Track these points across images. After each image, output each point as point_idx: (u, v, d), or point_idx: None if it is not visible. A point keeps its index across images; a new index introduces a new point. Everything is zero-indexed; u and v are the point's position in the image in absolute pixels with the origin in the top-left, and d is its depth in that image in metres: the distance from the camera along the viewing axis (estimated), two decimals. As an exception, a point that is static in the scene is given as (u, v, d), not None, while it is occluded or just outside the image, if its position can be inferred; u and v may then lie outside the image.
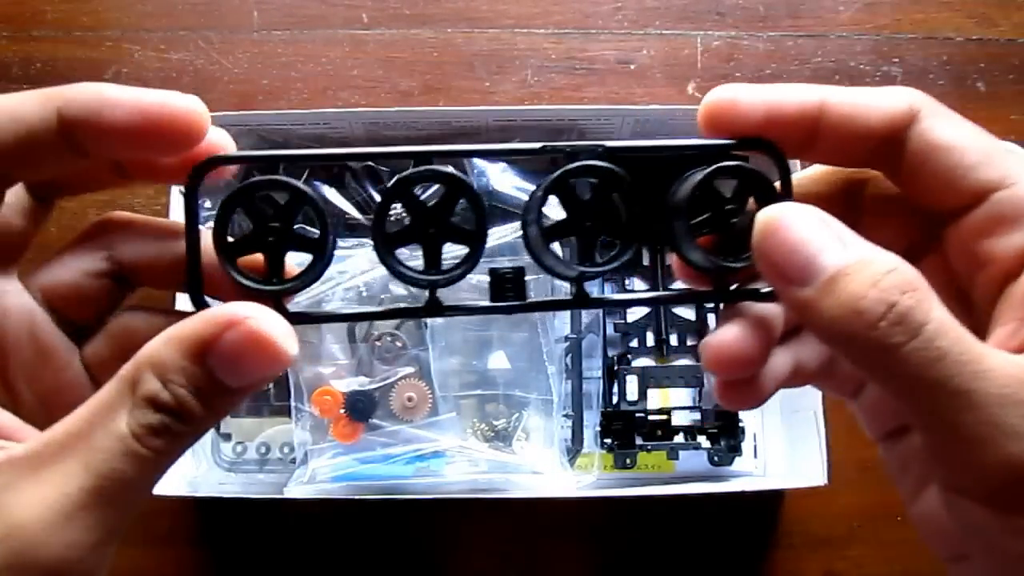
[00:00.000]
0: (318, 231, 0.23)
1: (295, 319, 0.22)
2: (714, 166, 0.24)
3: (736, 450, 0.51)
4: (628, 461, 0.50)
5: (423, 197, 0.23)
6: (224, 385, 0.20)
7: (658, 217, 0.24)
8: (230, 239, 0.23)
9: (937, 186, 0.23)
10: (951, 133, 0.23)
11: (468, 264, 0.23)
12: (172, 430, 0.20)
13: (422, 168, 0.23)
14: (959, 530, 0.22)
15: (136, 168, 0.25)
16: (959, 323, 0.20)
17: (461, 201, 0.23)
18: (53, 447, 0.20)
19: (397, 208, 0.23)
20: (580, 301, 0.24)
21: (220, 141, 0.24)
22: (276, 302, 0.23)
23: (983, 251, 0.22)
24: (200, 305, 0.23)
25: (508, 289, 0.23)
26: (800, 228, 0.20)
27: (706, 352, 0.24)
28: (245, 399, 0.21)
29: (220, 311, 0.21)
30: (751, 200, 0.24)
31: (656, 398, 0.53)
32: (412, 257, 0.24)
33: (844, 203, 0.26)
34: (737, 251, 0.24)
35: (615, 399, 0.52)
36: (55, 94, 0.22)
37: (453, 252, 0.23)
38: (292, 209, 0.23)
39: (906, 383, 0.19)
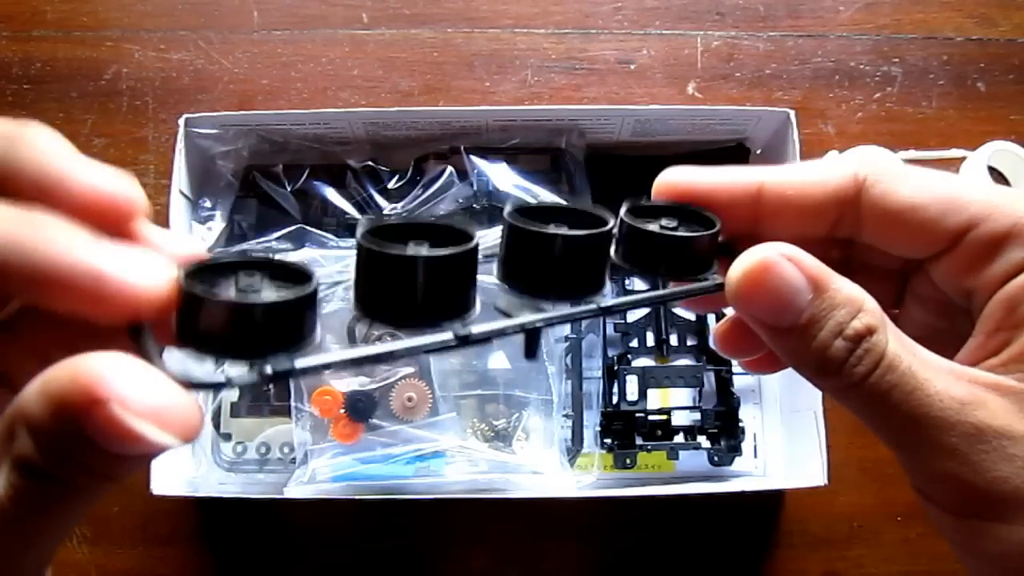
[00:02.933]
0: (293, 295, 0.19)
1: (275, 377, 0.18)
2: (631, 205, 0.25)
3: (736, 450, 0.51)
4: (628, 461, 0.50)
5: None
6: (105, 451, 0.17)
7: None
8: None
9: (906, 244, 0.25)
10: (907, 194, 0.24)
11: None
12: (52, 495, 0.17)
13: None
14: (935, 526, 0.24)
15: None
16: (915, 350, 0.22)
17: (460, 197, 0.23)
18: None
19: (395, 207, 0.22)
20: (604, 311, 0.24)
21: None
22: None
23: (966, 286, 0.24)
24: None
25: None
26: (770, 280, 0.22)
27: (714, 339, 0.27)
28: (150, 459, 0.17)
29: (88, 369, 0.16)
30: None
31: (656, 398, 0.53)
32: None
33: (843, 215, 0.27)
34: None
35: (615, 399, 0.52)
36: None
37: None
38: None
39: (867, 411, 0.22)
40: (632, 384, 0.52)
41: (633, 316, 0.55)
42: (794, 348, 0.22)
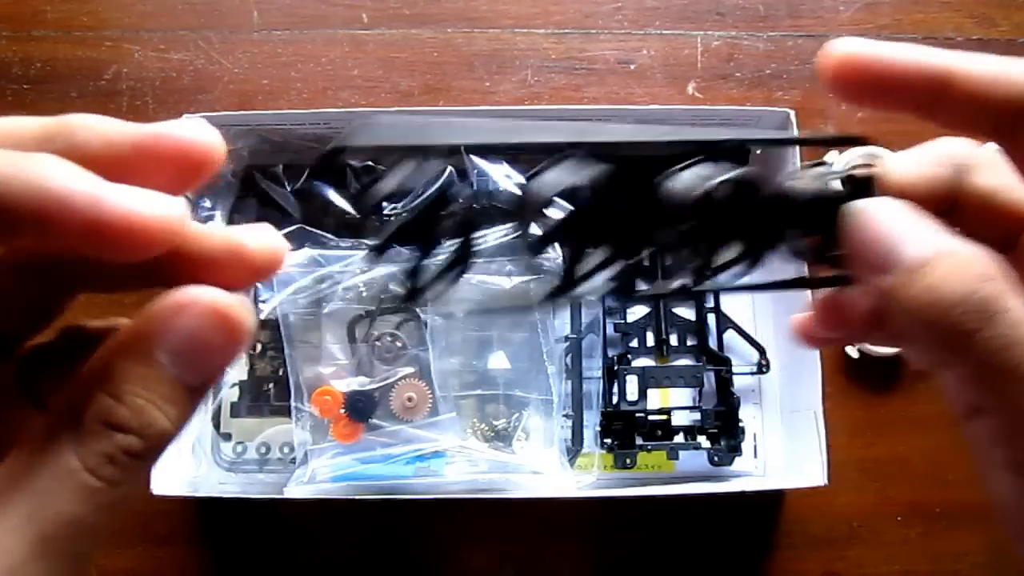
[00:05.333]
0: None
1: None
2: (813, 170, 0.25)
3: (736, 450, 0.51)
4: (628, 461, 0.50)
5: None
6: (184, 383, 0.18)
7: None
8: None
9: None
10: None
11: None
12: (132, 451, 0.17)
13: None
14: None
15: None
16: None
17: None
18: None
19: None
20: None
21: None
22: None
23: None
24: None
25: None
26: (884, 220, 0.21)
27: (793, 328, 0.27)
28: (201, 402, 0.19)
29: (161, 303, 0.18)
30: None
31: (656, 398, 0.53)
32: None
33: (941, 194, 0.26)
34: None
35: (615, 399, 0.52)
36: None
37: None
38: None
39: (977, 368, 0.20)
40: (632, 384, 0.52)
41: (633, 316, 0.55)
42: (900, 290, 0.21)
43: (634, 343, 0.54)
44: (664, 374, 0.52)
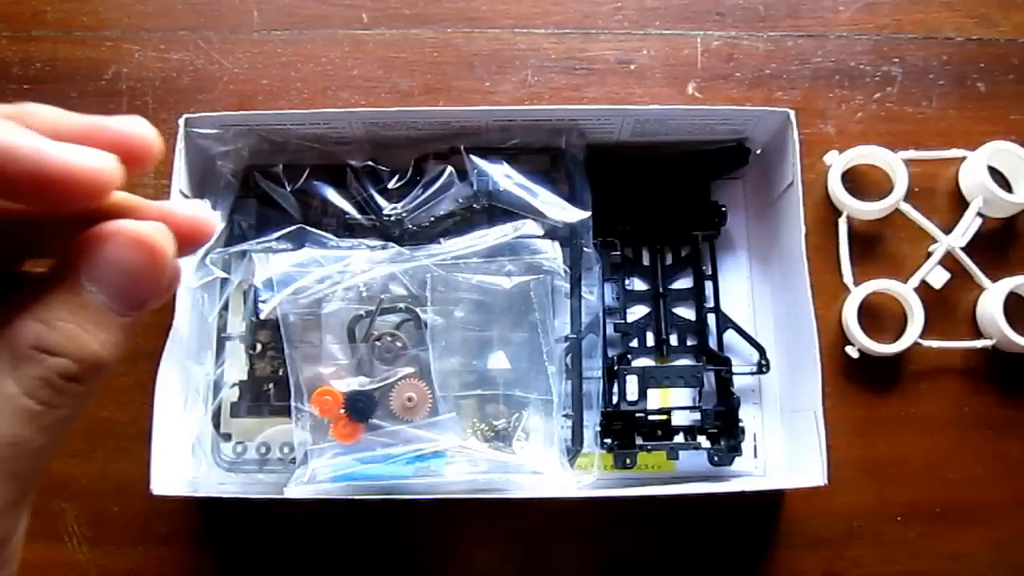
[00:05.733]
0: None
1: None
2: None
3: (736, 450, 0.51)
4: (628, 461, 0.50)
5: None
6: (113, 311, 0.19)
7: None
8: None
9: None
10: None
11: None
12: (68, 374, 0.18)
13: None
14: None
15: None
16: None
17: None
18: None
19: (396, 208, 0.22)
20: None
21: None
22: None
23: None
24: None
25: None
26: None
27: None
28: (134, 332, 0.20)
29: (86, 234, 0.19)
30: None
31: (656, 398, 0.53)
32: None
33: None
34: None
35: (615, 399, 0.52)
36: None
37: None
38: None
39: None
40: (632, 384, 0.52)
41: (633, 316, 0.55)
42: None
43: (634, 343, 0.54)
44: (664, 374, 0.52)
